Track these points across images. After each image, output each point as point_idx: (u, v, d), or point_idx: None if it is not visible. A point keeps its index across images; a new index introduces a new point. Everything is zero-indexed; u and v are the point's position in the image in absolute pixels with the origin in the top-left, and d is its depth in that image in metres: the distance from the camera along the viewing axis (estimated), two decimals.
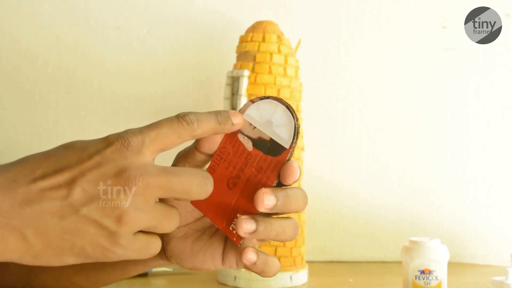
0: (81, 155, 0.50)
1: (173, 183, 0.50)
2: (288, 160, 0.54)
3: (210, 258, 0.58)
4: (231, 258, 0.58)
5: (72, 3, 1.21)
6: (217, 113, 0.54)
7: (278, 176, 0.54)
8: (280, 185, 0.54)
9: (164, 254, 0.59)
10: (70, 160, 0.50)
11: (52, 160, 0.50)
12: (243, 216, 0.53)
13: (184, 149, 0.57)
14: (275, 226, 0.54)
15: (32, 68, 1.21)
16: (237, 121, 0.54)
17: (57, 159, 0.50)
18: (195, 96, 1.21)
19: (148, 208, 0.49)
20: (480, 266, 1.19)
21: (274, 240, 0.55)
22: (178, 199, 0.52)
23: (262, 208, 0.52)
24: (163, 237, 0.58)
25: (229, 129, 0.54)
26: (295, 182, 0.54)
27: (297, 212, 0.55)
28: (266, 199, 0.52)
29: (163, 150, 0.52)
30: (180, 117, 0.52)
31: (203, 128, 0.53)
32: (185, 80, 1.21)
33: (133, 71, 1.21)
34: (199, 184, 0.51)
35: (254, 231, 0.53)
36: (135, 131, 0.52)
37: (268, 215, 0.54)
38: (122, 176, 0.49)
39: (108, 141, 0.52)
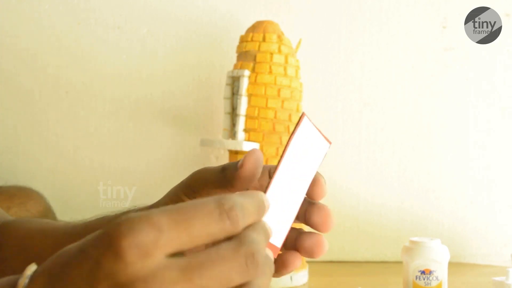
0: (76, 267, 0.36)
1: (202, 283, 0.35)
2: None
3: None
4: None
5: (72, 3, 1.21)
6: (257, 202, 0.41)
7: None
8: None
9: None
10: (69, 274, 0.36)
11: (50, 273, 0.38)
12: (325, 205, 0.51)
13: (205, 174, 0.50)
14: None
15: (32, 68, 1.21)
16: (268, 205, 0.43)
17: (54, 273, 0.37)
18: (195, 96, 1.21)
19: None
20: (480, 266, 1.19)
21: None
22: None
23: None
24: None
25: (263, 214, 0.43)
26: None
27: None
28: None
29: (182, 251, 0.36)
30: (224, 212, 0.37)
31: (246, 224, 0.39)
32: (185, 80, 1.21)
33: (133, 71, 1.21)
34: (240, 269, 0.37)
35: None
36: (150, 226, 0.35)
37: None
38: None
39: (107, 244, 0.35)
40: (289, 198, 0.47)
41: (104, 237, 0.35)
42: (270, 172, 0.52)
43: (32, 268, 0.39)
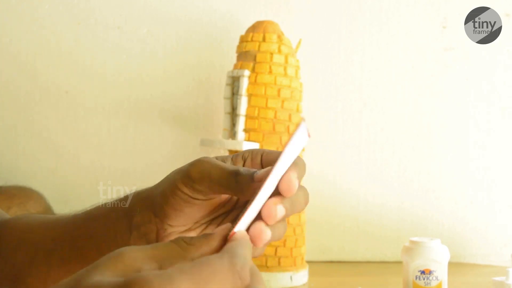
0: None
1: None
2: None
3: None
4: None
5: (72, 3, 1.21)
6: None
7: None
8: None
9: None
10: None
11: None
12: (272, 199, 0.47)
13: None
14: (297, 201, 0.50)
15: (32, 68, 1.21)
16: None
17: None
18: (195, 96, 1.21)
19: None
20: (480, 266, 1.19)
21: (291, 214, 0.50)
22: None
23: (273, 222, 0.48)
24: (159, 231, 0.53)
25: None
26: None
27: (298, 212, 0.53)
28: (279, 210, 0.48)
29: None
30: (237, 273, 0.40)
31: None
32: (185, 80, 1.21)
33: (133, 71, 1.21)
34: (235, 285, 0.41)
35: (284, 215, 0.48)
36: None
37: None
38: None
39: None
40: (267, 189, 0.47)
41: None
42: (262, 156, 0.53)
43: None
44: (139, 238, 0.54)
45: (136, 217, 0.55)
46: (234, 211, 0.55)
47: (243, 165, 0.54)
